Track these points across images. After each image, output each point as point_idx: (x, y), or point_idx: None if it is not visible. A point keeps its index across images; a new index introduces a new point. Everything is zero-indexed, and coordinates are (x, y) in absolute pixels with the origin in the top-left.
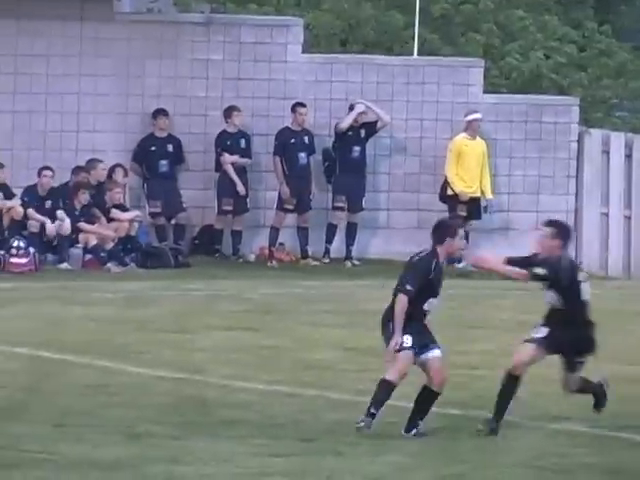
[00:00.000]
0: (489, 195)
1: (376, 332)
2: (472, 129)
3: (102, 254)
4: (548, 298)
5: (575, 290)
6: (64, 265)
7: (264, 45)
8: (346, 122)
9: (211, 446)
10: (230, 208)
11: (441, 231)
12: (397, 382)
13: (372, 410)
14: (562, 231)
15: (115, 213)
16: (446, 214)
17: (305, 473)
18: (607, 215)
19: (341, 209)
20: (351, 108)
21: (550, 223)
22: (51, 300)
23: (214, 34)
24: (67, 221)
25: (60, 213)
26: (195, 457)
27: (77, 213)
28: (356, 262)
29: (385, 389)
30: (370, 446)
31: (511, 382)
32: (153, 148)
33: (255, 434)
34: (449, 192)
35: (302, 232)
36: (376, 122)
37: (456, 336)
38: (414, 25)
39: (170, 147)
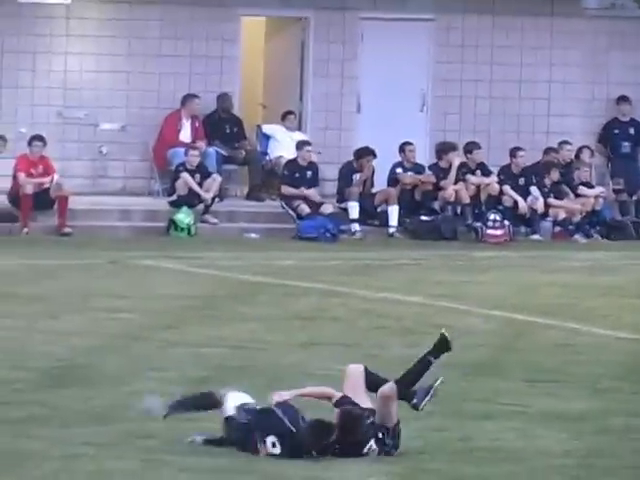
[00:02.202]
0: None
1: None
2: None
3: (570, 227)
4: None
5: None
6: (535, 236)
7: None
8: None
9: None
10: None
11: None
12: None
13: None
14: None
15: (582, 190)
16: None
17: None
18: None
19: None
20: None
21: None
22: (523, 268)
23: None
24: (540, 198)
25: (534, 190)
26: None
27: (547, 189)
28: None
29: None
30: None
31: None
32: (616, 131)
33: None
34: None
35: None
36: None
37: None
38: None
39: (632, 130)
